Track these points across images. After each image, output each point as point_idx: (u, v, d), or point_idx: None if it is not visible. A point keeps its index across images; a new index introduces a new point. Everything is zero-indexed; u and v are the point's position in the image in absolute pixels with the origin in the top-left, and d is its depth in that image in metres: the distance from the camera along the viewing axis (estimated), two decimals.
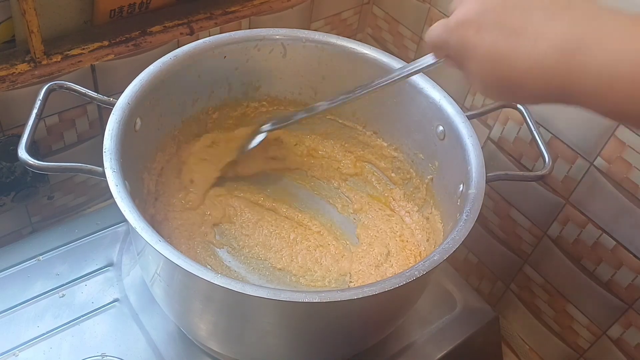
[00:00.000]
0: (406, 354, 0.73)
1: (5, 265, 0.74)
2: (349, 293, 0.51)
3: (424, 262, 0.54)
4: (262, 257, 0.74)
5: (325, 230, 0.78)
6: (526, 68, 0.41)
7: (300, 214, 0.79)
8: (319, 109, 0.71)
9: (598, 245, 0.78)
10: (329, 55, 0.76)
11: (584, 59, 0.38)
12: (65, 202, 0.85)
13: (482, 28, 0.43)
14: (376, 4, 0.99)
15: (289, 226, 0.77)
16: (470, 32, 0.44)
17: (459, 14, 0.45)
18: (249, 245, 0.74)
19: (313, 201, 0.81)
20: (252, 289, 0.50)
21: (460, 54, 0.46)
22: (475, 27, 0.44)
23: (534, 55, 0.41)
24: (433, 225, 0.73)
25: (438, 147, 0.72)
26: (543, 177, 0.66)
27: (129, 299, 0.72)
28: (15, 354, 0.66)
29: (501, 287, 0.95)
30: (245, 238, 0.75)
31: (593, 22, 0.39)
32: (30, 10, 0.64)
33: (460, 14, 0.45)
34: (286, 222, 0.78)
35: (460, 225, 0.58)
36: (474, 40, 0.44)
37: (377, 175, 0.83)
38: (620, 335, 0.80)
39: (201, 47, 0.70)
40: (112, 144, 0.58)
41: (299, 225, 0.78)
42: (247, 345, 0.62)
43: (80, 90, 0.65)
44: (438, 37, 0.48)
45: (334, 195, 0.82)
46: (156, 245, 0.51)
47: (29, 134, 0.59)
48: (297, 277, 0.73)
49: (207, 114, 0.77)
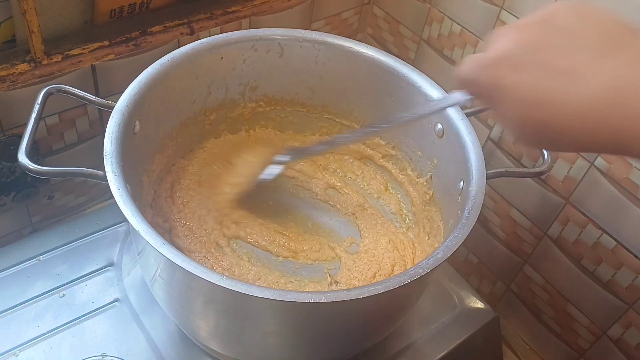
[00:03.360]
0: (406, 354, 0.73)
1: (6, 265, 0.74)
2: (354, 292, 0.51)
3: (428, 260, 0.54)
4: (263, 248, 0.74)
5: (322, 230, 0.77)
6: (572, 113, 0.37)
7: (297, 213, 0.79)
8: (339, 142, 0.67)
9: (598, 245, 0.78)
10: (326, 55, 0.76)
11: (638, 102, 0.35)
12: (65, 202, 0.85)
13: (520, 67, 0.39)
14: (376, 4, 1.00)
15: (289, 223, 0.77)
16: (506, 71, 0.40)
17: (495, 51, 0.41)
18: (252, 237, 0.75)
19: (310, 200, 0.81)
20: (257, 290, 0.50)
21: (493, 95, 0.41)
22: (512, 66, 0.39)
23: (582, 99, 0.36)
24: (433, 223, 0.73)
25: (437, 145, 0.72)
26: (542, 173, 0.66)
27: (129, 299, 0.72)
28: (15, 354, 0.66)
29: (501, 287, 0.95)
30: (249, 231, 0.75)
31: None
32: (31, 10, 0.64)
33: (495, 50, 0.41)
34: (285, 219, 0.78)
35: (462, 222, 0.58)
36: (510, 80, 0.40)
37: (376, 172, 0.83)
38: (620, 335, 0.80)
39: (198, 48, 0.70)
40: (112, 147, 0.58)
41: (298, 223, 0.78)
42: (248, 346, 0.62)
43: (78, 93, 0.65)
44: (468, 75, 0.44)
45: (331, 194, 0.82)
46: (160, 249, 0.51)
47: (29, 138, 0.59)
48: (298, 263, 0.73)
49: (205, 115, 0.77)
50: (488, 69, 0.41)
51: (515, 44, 0.40)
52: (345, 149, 0.84)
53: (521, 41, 0.40)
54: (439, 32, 0.90)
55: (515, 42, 0.40)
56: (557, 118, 0.38)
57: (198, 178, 0.77)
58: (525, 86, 0.39)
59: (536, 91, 0.38)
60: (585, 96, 0.36)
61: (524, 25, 0.41)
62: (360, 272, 0.72)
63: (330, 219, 0.79)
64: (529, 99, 0.39)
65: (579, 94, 0.37)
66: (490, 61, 0.41)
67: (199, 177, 0.78)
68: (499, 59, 0.40)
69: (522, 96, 0.39)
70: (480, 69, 0.42)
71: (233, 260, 0.70)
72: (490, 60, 0.41)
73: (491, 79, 0.41)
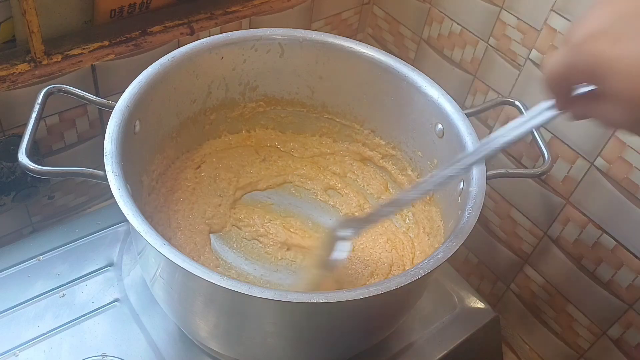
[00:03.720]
0: (406, 354, 0.73)
1: (6, 265, 0.74)
2: (355, 293, 0.51)
3: (428, 260, 0.54)
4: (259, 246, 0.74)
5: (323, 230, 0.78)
6: None
7: (298, 213, 0.79)
8: (407, 199, 0.59)
9: (598, 245, 0.78)
10: (327, 54, 0.76)
11: None
12: (65, 202, 0.85)
13: (622, 38, 0.36)
14: (376, 4, 1.00)
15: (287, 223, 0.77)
16: (605, 44, 0.36)
17: (585, 28, 0.37)
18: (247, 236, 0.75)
19: (310, 200, 0.81)
20: (258, 290, 0.50)
21: (597, 75, 0.37)
22: (612, 37, 0.36)
23: None
24: (433, 223, 0.73)
25: (437, 145, 0.72)
26: (542, 174, 0.66)
27: (129, 299, 0.72)
28: (15, 354, 0.66)
29: (501, 287, 0.95)
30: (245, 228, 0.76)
31: None
32: (31, 10, 0.64)
33: (586, 27, 0.37)
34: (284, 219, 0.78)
35: (462, 223, 0.58)
36: (613, 52, 0.36)
37: (376, 173, 0.83)
38: (620, 335, 0.80)
39: (198, 48, 0.71)
40: (112, 147, 0.58)
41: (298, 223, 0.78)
42: (248, 346, 0.62)
43: (78, 93, 0.65)
44: (561, 65, 0.39)
45: (331, 195, 0.82)
46: (161, 249, 0.51)
47: (29, 138, 0.59)
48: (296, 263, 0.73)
49: (205, 114, 0.77)
50: (584, 46, 0.37)
51: (609, 16, 0.37)
52: (345, 150, 0.84)
53: (616, 13, 0.37)
54: (439, 32, 0.90)
55: (609, 15, 0.37)
56: None
57: (198, 178, 0.77)
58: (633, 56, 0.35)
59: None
60: None
61: (611, 0, 0.38)
62: (356, 271, 0.72)
63: (330, 218, 0.79)
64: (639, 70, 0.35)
65: None
66: (585, 39, 0.37)
67: (199, 177, 0.78)
68: (595, 33, 0.37)
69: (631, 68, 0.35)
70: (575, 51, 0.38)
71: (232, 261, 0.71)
72: (585, 38, 0.37)
73: (591, 56, 0.37)
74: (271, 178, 0.81)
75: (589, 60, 0.37)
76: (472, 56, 0.86)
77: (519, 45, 0.79)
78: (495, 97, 0.85)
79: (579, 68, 0.38)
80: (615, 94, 0.37)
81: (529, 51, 0.78)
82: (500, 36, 0.81)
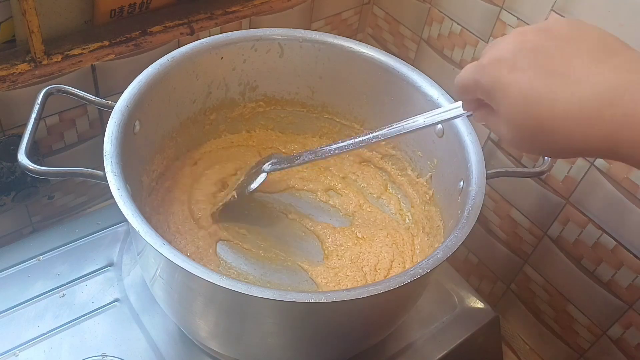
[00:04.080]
0: (406, 354, 0.73)
1: (6, 265, 0.74)
2: (355, 292, 0.51)
3: (428, 260, 0.54)
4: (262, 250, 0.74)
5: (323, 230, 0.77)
6: (566, 113, 0.38)
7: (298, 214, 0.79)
8: (326, 154, 0.67)
9: (598, 245, 0.78)
10: (326, 54, 0.76)
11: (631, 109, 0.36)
12: (65, 202, 0.85)
13: (519, 67, 0.40)
14: (376, 4, 1.00)
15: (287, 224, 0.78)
16: (503, 70, 0.41)
17: (493, 53, 0.43)
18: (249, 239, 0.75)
19: (310, 201, 0.81)
20: (257, 290, 0.50)
21: (491, 95, 0.42)
22: (512, 66, 0.41)
23: (576, 99, 0.38)
24: (432, 223, 0.73)
25: (437, 144, 0.72)
26: (542, 173, 0.67)
27: (129, 299, 0.72)
28: (15, 354, 0.66)
29: (501, 287, 0.95)
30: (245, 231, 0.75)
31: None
32: (31, 10, 0.64)
33: (494, 52, 0.43)
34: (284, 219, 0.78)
35: (462, 222, 0.58)
36: (507, 78, 0.41)
37: (376, 173, 0.83)
38: (620, 335, 0.80)
39: (198, 48, 0.71)
40: (112, 147, 0.58)
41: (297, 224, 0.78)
42: (248, 346, 0.62)
43: (77, 93, 0.65)
44: (468, 78, 0.45)
45: (331, 195, 0.82)
46: (161, 249, 0.51)
47: (29, 138, 0.59)
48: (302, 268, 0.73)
49: (205, 115, 0.77)
50: (488, 69, 0.43)
51: (514, 47, 0.41)
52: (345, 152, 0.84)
53: (520, 44, 0.41)
54: (439, 32, 0.90)
55: (514, 46, 0.41)
56: (550, 117, 0.39)
57: (198, 179, 0.77)
58: (523, 83, 0.40)
59: (533, 89, 0.39)
60: (579, 97, 0.38)
61: (522, 32, 0.42)
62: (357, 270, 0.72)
63: (330, 218, 0.79)
64: (525, 97, 0.40)
65: (573, 95, 0.38)
66: (490, 62, 0.42)
67: (199, 177, 0.78)
68: (498, 59, 0.42)
69: (520, 93, 0.40)
70: (480, 70, 0.43)
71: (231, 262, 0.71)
72: (490, 61, 0.42)
73: (490, 78, 0.42)
74: (274, 183, 0.81)
75: (489, 81, 0.42)
76: (472, 56, 0.86)
77: None
78: None
79: (481, 85, 0.43)
80: (503, 114, 0.42)
81: None
82: (500, 36, 0.81)
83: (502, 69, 0.41)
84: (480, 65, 0.44)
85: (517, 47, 0.41)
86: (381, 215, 0.79)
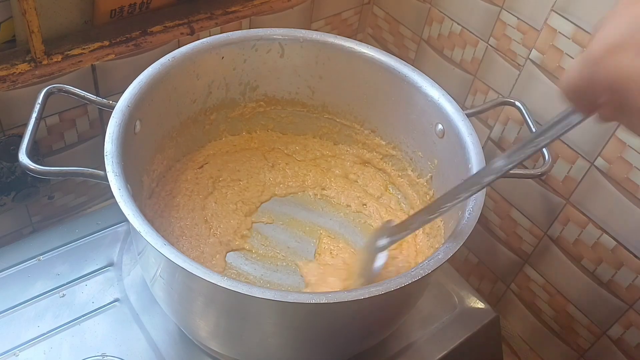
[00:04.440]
0: (406, 354, 0.73)
1: (6, 265, 0.74)
2: (355, 293, 0.51)
3: (428, 261, 0.54)
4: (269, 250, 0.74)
5: (323, 231, 0.78)
6: None
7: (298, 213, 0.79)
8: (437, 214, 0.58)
9: (598, 245, 0.78)
10: (327, 54, 0.76)
11: None
12: (65, 202, 0.85)
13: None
14: (377, 4, 0.99)
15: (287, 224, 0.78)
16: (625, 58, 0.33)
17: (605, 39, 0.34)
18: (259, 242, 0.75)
19: (310, 201, 0.81)
20: (258, 290, 0.50)
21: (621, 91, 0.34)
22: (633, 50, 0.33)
23: None
24: (433, 224, 0.73)
25: (437, 145, 0.72)
26: (543, 174, 0.66)
27: (129, 299, 0.72)
28: (15, 354, 0.66)
29: (501, 287, 0.95)
30: None
31: None
32: (31, 10, 0.64)
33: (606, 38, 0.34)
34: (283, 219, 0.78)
35: (462, 223, 0.58)
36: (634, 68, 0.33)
37: (376, 174, 0.83)
38: (620, 335, 0.80)
39: (199, 48, 0.71)
40: (113, 147, 0.58)
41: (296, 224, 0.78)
42: (248, 346, 0.62)
43: (78, 93, 0.65)
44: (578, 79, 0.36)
45: (331, 195, 0.82)
46: (161, 249, 0.51)
47: (29, 138, 0.59)
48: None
49: (205, 114, 0.77)
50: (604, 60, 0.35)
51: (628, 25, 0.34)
52: (345, 153, 0.84)
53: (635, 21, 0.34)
54: (439, 32, 0.90)
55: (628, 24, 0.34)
56: None
57: (198, 179, 0.77)
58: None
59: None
60: None
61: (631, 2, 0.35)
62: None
63: (330, 219, 0.79)
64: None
65: None
66: (604, 51, 0.34)
67: (199, 178, 0.78)
68: (615, 46, 0.34)
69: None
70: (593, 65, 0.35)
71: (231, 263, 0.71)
72: (603, 50, 0.35)
73: (611, 72, 0.34)
74: (288, 188, 0.81)
75: (610, 77, 0.34)
76: (472, 56, 0.86)
77: (519, 46, 0.79)
78: (496, 97, 0.85)
79: (600, 83, 0.35)
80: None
81: (529, 51, 0.77)
82: (500, 36, 0.81)
83: (624, 57, 0.33)
84: (592, 59, 0.35)
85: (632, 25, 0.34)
86: (380, 215, 0.79)
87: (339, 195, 0.81)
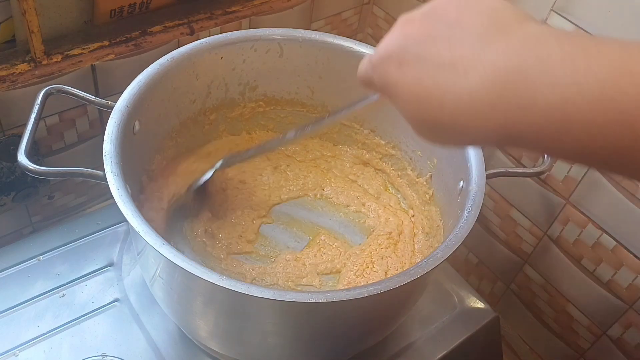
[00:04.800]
0: (406, 354, 0.73)
1: (6, 265, 0.74)
2: (354, 292, 0.51)
3: (427, 259, 0.54)
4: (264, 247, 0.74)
5: (323, 230, 0.78)
6: (455, 107, 0.35)
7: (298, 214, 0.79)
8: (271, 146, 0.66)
9: (598, 245, 0.78)
10: (326, 54, 0.76)
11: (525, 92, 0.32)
12: (65, 202, 0.85)
13: (404, 63, 0.37)
14: (376, 4, 1.00)
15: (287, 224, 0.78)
16: (392, 68, 0.38)
17: (381, 48, 0.40)
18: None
19: (310, 201, 0.81)
20: (257, 290, 0.50)
21: (386, 92, 0.40)
22: (398, 62, 0.38)
23: (464, 91, 0.34)
24: (432, 223, 0.73)
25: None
26: (542, 173, 0.66)
27: (129, 299, 0.72)
28: (15, 354, 0.66)
29: (501, 287, 0.95)
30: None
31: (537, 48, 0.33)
32: (31, 10, 0.64)
33: (382, 48, 0.40)
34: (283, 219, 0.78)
35: (462, 222, 0.58)
36: (396, 77, 0.38)
37: (375, 174, 0.83)
38: (620, 335, 0.80)
39: (198, 48, 0.71)
40: (112, 147, 0.58)
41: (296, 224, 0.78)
42: (248, 346, 0.62)
43: (77, 93, 0.65)
44: (364, 75, 0.42)
45: (331, 195, 0.82)
46: (160, 249, 0.51)
47: (28, 138, 0.59)
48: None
49: (205, 114, 0.77)
50: (377, 67, 0.40)
51: (398, 39, 0.39)
52: (345, 154, 0.84)
53: (404, 36, 0.38)
54: None
55: (399, 38, 0.39)
56: (442, 113, 0.36)
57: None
58: (410, 82, 0.37)
59: (421, 86, 0.36)
60: (468, 88, 0.34)
61: (409, 20, 0.39)
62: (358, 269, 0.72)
63: (330, 219, 0.79)
64: (414, 96, 0.37)
65: (462, 86, 0.34)
66: (378, 59, 0.40)
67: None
68: (385, 56, 0.39)
69: (409, 92, 0.37)
70: (371, 68, 0.41)
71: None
72: (378, 58, 0.40)
73: (381, 77, 0.40)
74: (291, 192, 0.81)
75: (379, 80, 0.40)
76: None
77: None
78: None
79: (375, 82, 0.41)
80: (400, 111, 0.39)
81: None
82: None
83: (390, 67, 0.38)
84: (370, 63, 0.41)
85: (403, 39, 0.38)
86: (379, 214, 0.79)
87: (339, 195, 0.81)
